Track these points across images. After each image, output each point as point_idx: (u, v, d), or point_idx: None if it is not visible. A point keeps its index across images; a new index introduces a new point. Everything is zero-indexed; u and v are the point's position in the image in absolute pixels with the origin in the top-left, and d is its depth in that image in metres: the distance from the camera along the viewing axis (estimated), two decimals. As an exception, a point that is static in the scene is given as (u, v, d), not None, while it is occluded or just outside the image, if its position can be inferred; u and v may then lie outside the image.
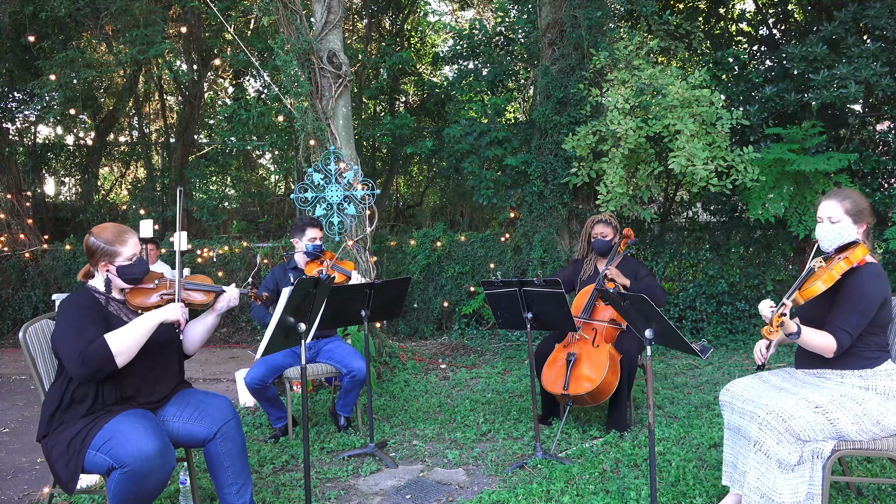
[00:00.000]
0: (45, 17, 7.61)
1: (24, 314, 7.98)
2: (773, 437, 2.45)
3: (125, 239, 2.56)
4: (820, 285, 2.47)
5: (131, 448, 2.27)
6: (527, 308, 3.56)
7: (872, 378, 2.52)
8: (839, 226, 2.59)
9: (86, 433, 2.36)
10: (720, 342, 6.45)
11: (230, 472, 2.63)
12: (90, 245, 2.56)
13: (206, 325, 2.81)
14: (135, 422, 2.37)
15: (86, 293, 2.57)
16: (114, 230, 2.58)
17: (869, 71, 5.60)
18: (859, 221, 2.60)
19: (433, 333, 7.35)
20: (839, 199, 2.62)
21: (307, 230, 4.16)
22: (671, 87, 5.08)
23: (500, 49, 8.44)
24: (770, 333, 2.36)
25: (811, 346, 2.53)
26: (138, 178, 11.55)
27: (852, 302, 2.50)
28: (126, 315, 2.60)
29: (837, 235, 2.59)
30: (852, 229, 2.59)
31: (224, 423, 2.62)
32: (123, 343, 2.38)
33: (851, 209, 2.59)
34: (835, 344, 2.48)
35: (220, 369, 6.10)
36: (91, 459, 2.33)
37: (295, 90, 5.40)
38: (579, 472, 3.29)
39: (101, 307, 2.54)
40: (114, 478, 2.29)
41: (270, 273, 4.26)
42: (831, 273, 2.48)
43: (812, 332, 2.51)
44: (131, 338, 2.41)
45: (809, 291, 2.48)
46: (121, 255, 2.55)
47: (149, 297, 2.62)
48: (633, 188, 5.59)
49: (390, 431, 4.09)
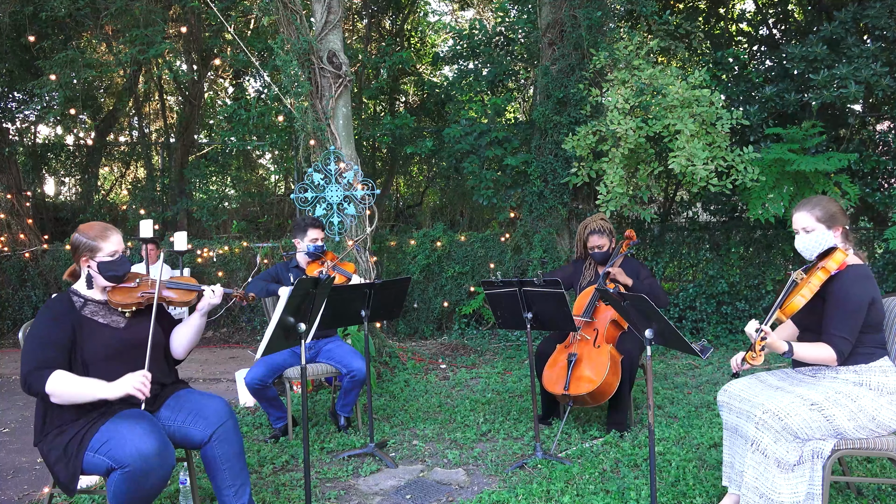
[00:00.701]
0: (45, 17, 7.60)
1: (24, 314, 7.98)
2: (770, 436, 2.45)
3: (107, 235, 2.57)
4: (799, 299, 2.49)
5: (129, 448, 2.26)
6: (527, 308, 3.56)
7: (867, 374, 2.53)
8: (814, 234, 2.63)
9: (82, 435, 2.35)
10: (720, 342, 6.45)
11: (228, 474, 2.61)
12: (73, 241, 2.58)
13: (191, 326, 2.74)
14: (132, 422, 2.35)
15: (62, 298, 2.56)
16: (99, 227, 2.60)
17: (869, 71, 5.60)
18: (833, 226, 2.62)
19: (433, 333, 7.35)
20: (808, 208, 2.66)
21: (309, 230, 4.16)
22: (671, 87, 5.08)
23: (500, 49, 8.44)
24: (753, 359, 2.38)
25: (809, 359, 2.55)
26: (138, 178, 11.55)
27: (840, 307, 2.51)
28: (104, 316, 2.57)
29: (815, 244, 2.62)
30: (828, 235, 2.61)
31: (220, 425, 2.58)
32: (63, 390, 2.34)
33: (822, 216, 2.62)
34: (833, 353, 2.50)
35: (219, 369, 6.10)
36: (90, 461, 2.33)
37: (295, 90, 5.40)
38: (579, 472, 3.29)
39: (74, 313, 2.51)
40: (113, 478, 2.28)
41: (273, 267, 4.27)
42: (809, 285, 2.50)
43: (806, 348, 2.53)
44: (72, 391, 2.35)
45: (790, 308, 2.50)
46: (102, 250, 2.55)
47: (129, 297, 2.59)
48: (633, 188, 5.59)
49: (390, 431, 4.09)
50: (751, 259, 6.98)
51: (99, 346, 2.50)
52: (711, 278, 6.76)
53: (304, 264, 4.20)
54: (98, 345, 2.50)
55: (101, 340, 2.51)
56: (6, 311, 8.02)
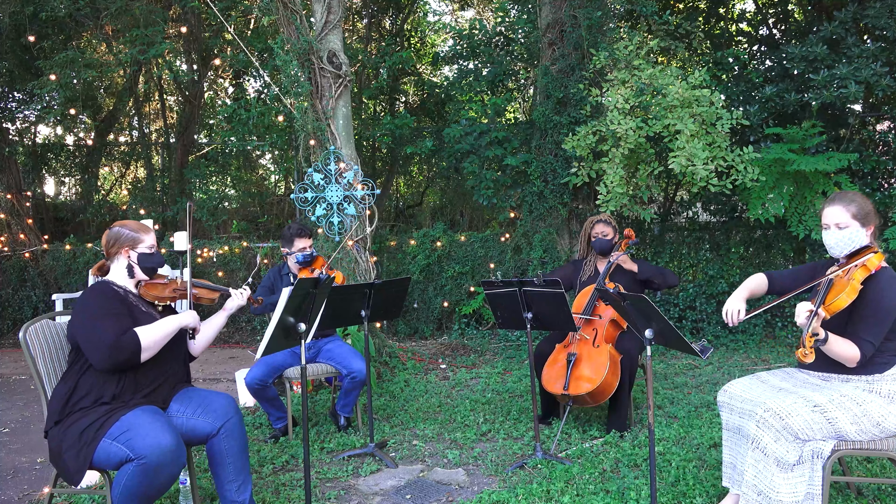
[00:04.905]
0: (45, 17, 7.61)
1: (24, 314, 7.98)
2: (770, 435, 2.44)
3: (147, 230, 2.73)
4: (845, 298, 2.37)
5: (150, 440, 2.29)
6: (527, 308, 3.56)
7: (879, 382, 2.50)
8: (848, 231, 2.51)
9: (102, 422, 2.38)
10: (720, 342, 6.45)
11: (231, 469, 2.65)
12: (113, 234, 2.67)
13: (214, 325, 2.90)
14: (151, 416, 2.40)
15: (105, 285, 2.61)
16: (136, 223, 2.77)
17: (869, 71, 5.60)
18: (867, 224, 2.52)
19: (433, 333, 7.35)
20: (844, 203, 2.53)
21: (295, 241, 4.13)
22: (671, 87, 5.08)
23: (500, 49, 8.43)
24: (805, 356, 2.23)
25: (834, 353, 2.43)
26: (138, 178, 11.55)
27: (872, 310, 2.42)
28: (143, 307, 2.66)
29: (848, 241, 2.51)
30: (861, 233, 2.50)
31: (227, 419, 2.65)
32: (153, 339, 2.50)
33: (858, 213, 2.51)
34: (859, 354, 2.41)
35: (220, 369, 6.10)
36: (106, 448, 2.33)
37: (295, 90, 5.40)
38: (579, 472, 3.29)
39: (122, 297, 2.60)
40: (126, 470, 2.29)
41: (267, 276, 4.30)
42: (853, 284, 2.38)
43: (838, 341, 2.41)
44: (159, 335, 2.53)
45: (835, 305, 2.37)
46: (143, 242, 2.69)
47: (163, 291, 2.72)
48: (633, 188, 5.59)
49: (390, 431, 4.09)
50: (751, 259, 6.98)
51: None
52: (711, 278, 6.76)
53: (296, 271, 4.22)
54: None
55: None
56: (6, 311, 8.01)
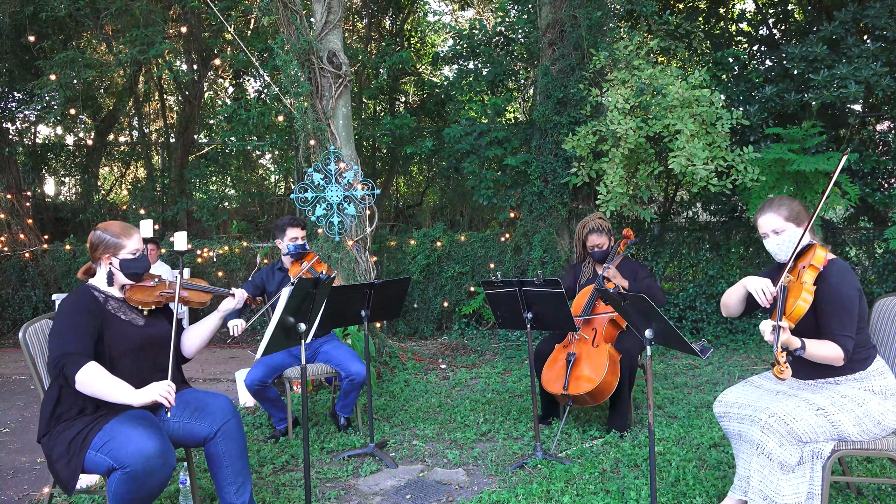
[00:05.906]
0: (45, 17, 7.60)
1: (24, 314, 7.98)
2: (775, 440, 2.43)
3: (130, 233, 2.63)
4: (802, 303, 2.39)
5: (132, 448, 2.27)
6: (527, 308, 3.56)
7: (867, 380, 2.51)
8: (785, 234, 2.59)
9: (86, 433, 2.36)
10: (720, 342, 6.45)
11: (230, 472, 2.63)
12: (95, 238, 2.60)
13: (208, 326, 2.81)
14: (135, 422, 2.37)
15: (85, 292, 2.57)
16: (119, 225, 2.65)
17: (869, 71, 5.60)
18: (801, 223, 2.58)
19: (433, 333, 7.35)
20: (774, 209, 2.61)
21: (288, 230, 4.07)
22: (671, 87, 5.08)
23: (500, 49, 8.43)
24: (782, 373, 2.24)
25: (819, 357, 2.43)
26: (138, 178, 11.54)
27: (834, 305, 2.45)
28: (125, 313, 2.60)
29: (790, 243, 2.57)
30: (798, 232, 2.56)
31: (225, 422, 2.62)
32: (92, 382, 2.34)
33: (790, 214, 2.59)
34: (842, 351, 2.41)
35: (220, 369, 6.10)
36: (91, 460, 2.33)
37: (295, 90, 5.40)
38: (579, 472, 3.29)
39: (99, 306, 2.55)
40: (114, 478, 2.29)
41: (260, 272, 4.23)
42: (807, 286, 2.42)
43: (818, 345, 2.42)
44: (100, 387, 2.35)
45: (796, 312, 2.39)
46: (125, 247, 2.60)
47: (149, 296, 2.64)
48: (633, 188, 5.59)
49: (390, 431, 4.09)
50: (751, 259, 6.98)
51: (123, 340, 2.54)
52: (711, 278, 6.75)
53: (288, 265, 4.13)
54: (122, 339, 2.54)
55: (124, 335, 2.55)
56: (6, 311, 8.02)
